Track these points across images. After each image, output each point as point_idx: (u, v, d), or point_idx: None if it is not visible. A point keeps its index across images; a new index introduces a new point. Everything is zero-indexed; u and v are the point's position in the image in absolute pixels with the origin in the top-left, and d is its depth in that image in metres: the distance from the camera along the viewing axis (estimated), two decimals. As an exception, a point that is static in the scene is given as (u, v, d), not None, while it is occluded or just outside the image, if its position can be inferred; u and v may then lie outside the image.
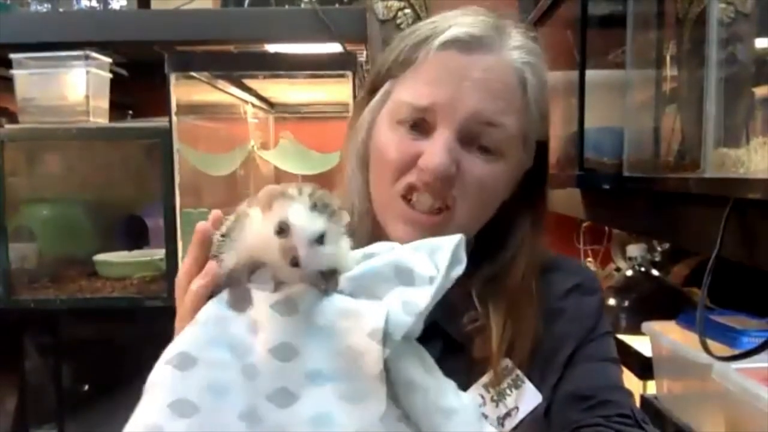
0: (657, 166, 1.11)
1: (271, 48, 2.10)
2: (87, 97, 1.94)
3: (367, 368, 0.59)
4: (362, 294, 0.63)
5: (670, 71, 1.12)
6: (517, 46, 0.79)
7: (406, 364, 0.62)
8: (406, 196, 0.78)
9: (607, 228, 2.13)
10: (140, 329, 2.26)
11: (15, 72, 1.93)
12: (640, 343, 1.40)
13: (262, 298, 0.61)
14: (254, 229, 0.61)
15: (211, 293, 0.65)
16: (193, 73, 1.91)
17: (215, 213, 0.68)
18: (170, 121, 1.86)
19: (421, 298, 0.62)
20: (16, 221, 2.04)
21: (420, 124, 0.77)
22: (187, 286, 0.66)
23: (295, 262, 0.57)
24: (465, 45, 0.76)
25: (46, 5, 2.17)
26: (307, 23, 1.95)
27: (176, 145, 1.88)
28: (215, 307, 0.62)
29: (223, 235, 0.65)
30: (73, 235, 2.24)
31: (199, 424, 0.57)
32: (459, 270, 0.65)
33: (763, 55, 0.88)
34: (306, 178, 2.10)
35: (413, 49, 0.79)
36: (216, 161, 2.13)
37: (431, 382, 0.64)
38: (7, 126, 1.97)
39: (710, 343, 0.90)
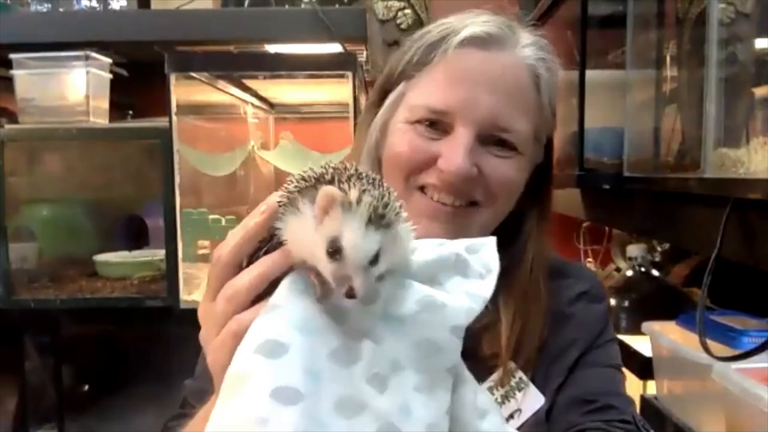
0: (657, 166, 1.12)
1: (271, 48, 2.10)
2: (87, 97, 1.94)
3: (443, 362, 0.59)
4: (426, 281, 0.61)
5: (670, 71, 1.13)
6: (529, 43, 0.80)
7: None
8: (423, 191, 0.78)
9: (607, 228, 2.13)
10: (140, 329, 2.27)
11: (15, 72, 1.93)
12: (640, 343, 1.40)
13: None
14: (307, 234, 0.54)
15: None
16: (193, 74, 1.91)
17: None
18: (170, 122, 1.86)
19: (482, 288, 0.61)
20: (16, 221, 2.04)
21: (436, 124, 0.78)
22: (232, 261, 0.59)
23: (350, 294, 0.52)
24: (482, 42, 0.77)
25: (46, 5, 2.17)
26: (307, 23, 1.95)
27: (176, 146, 1.87)
28: (290, 291, 0.57)
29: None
30: (73, 235, 2.24)
31: (306, 409, 0.52)
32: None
33: (762, 56, 0.88)
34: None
35: (429, 49, 0.79)
36: (216, 161, 2.13)
37: (471, 378, 0.64)
38: (7, 126, 1.97)
39: (710, 343, 0.90)
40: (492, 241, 0.65)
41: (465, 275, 0.63)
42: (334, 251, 0.52)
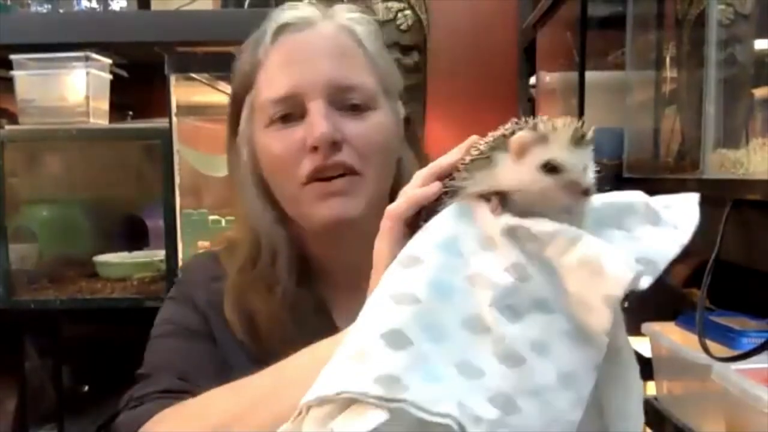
0: (657, 166, 1.12)
1: (271, 49, 2.10)
2: (87, 98, 1.94)
3: (592, 325, 0.56)
4: (611, 224, 0.62)
5: (669, 72, 1.13)
6: (340, 10, 0.86)
7: (616, 329, 0.59)
8: (313, 178, 0.81)
9: (606, 229, 2.13)
10: (140, 330, 2.26)
11: (15, 73, 1.92)
12: (640, 344, 1.39)
13: (498, 220, 0.59)
14: (507, 173, 0.59)
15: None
16: (193, 74, 1.91)
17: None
18: (170, 122, 1.86)
19: (679, 235, 0.61)
20: (16, 222, 2.03)
21: (290, 115, 0.81)
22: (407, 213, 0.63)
23: (585, 191, 0.58)
24: (295, 27, 0.83)
25: (46, 6, 2.16)
26: (307, 24, 1.94)
27: (176, 146, 1.88)
28: (446, 217, 0.61)
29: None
30: (73, 236, 2.24)
31: (420, 314, 0.55)
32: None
33: (762, 57, 0.88)
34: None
35: (253, 53, 0.85)
36: (216, 162, 2.13)
37: (633, 355, 0.63)
38: (7, 127, 1.96)
39: (710, 344, 0.90)
40: (694, 197, 0.65)
41: (655, 224, 0.62)
42: (552, 169, 0.57)
